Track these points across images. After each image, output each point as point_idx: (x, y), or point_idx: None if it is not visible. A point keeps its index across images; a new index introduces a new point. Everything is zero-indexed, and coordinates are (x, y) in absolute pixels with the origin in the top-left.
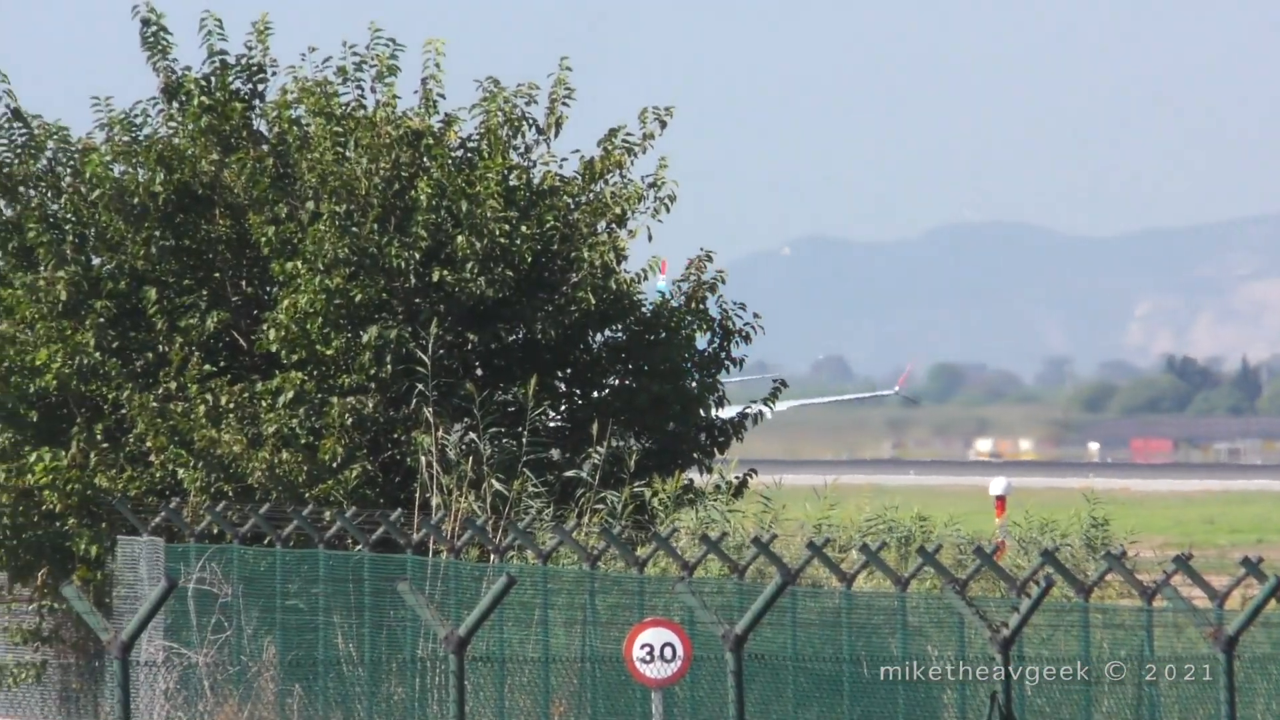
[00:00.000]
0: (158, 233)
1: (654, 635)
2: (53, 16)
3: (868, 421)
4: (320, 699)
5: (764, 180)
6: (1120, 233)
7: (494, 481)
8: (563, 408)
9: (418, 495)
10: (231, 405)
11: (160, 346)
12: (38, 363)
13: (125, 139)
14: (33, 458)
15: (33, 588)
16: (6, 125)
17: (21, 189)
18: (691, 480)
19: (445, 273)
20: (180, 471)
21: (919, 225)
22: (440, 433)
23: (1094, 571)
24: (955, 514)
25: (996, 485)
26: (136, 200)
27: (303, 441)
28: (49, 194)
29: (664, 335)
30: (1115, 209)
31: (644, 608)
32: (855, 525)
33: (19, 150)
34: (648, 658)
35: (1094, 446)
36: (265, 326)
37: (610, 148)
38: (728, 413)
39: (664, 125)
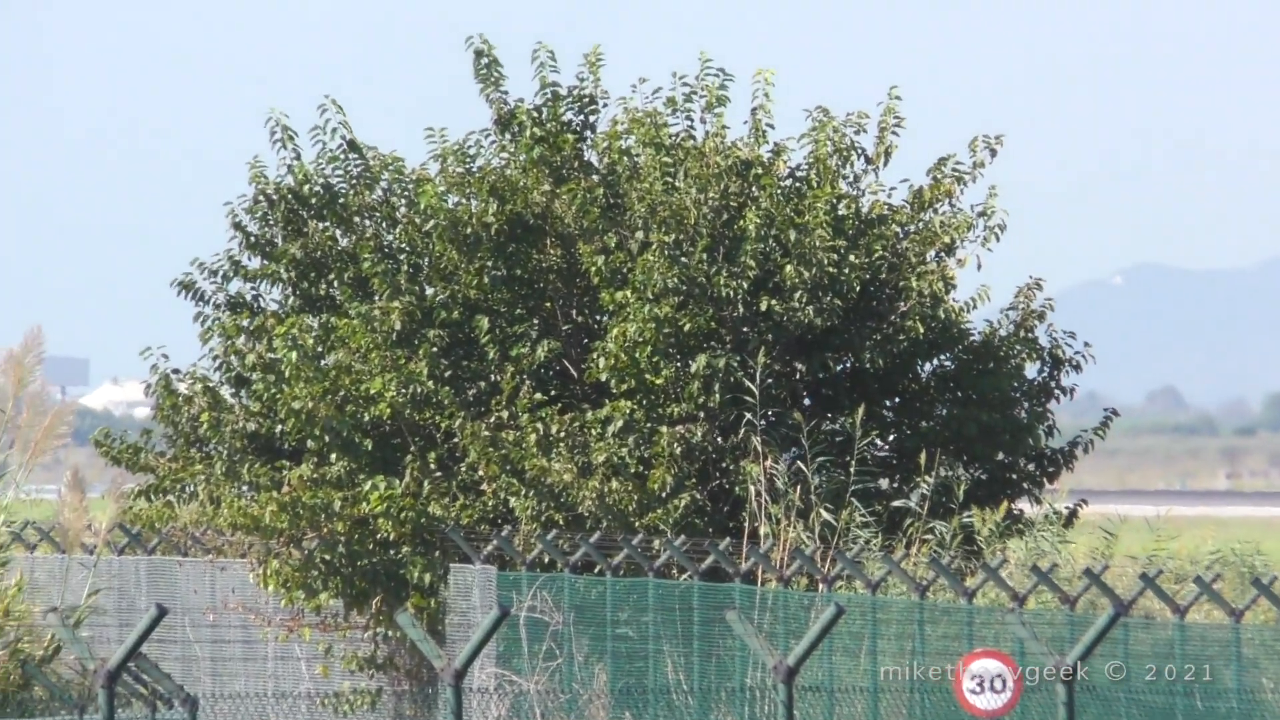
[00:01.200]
0: (490, 263)
1: (984, 666)
2: (387, 49)
3: (1201, 451)
4: None
5: (1095, 208)
6: None
7: (822, 511)
8: (890, 437)
9: (746, 524)
10: (562, 434)
11: (492, 375)
12: (372, 391)
13: (459, 170)
14: (367, 486)
15: (368, 615)
16: (343, 157)
17: (357, 219)
18: (1021, 510)
19: (773, 302)
20: (512, 500)
21: (1254, 254)
22: (768, 462)
23: None
24: None
25: None
26: (470, 230)
27: (632, 470)
28: (384, 224)
29: (993, 364)
30: None
31: (973, 638)
32: (1191, 557)
33: (354, 181)
34: (978, 688)
35: None
36: (595, 355)
37: (940, 176)
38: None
39: (994, 154)
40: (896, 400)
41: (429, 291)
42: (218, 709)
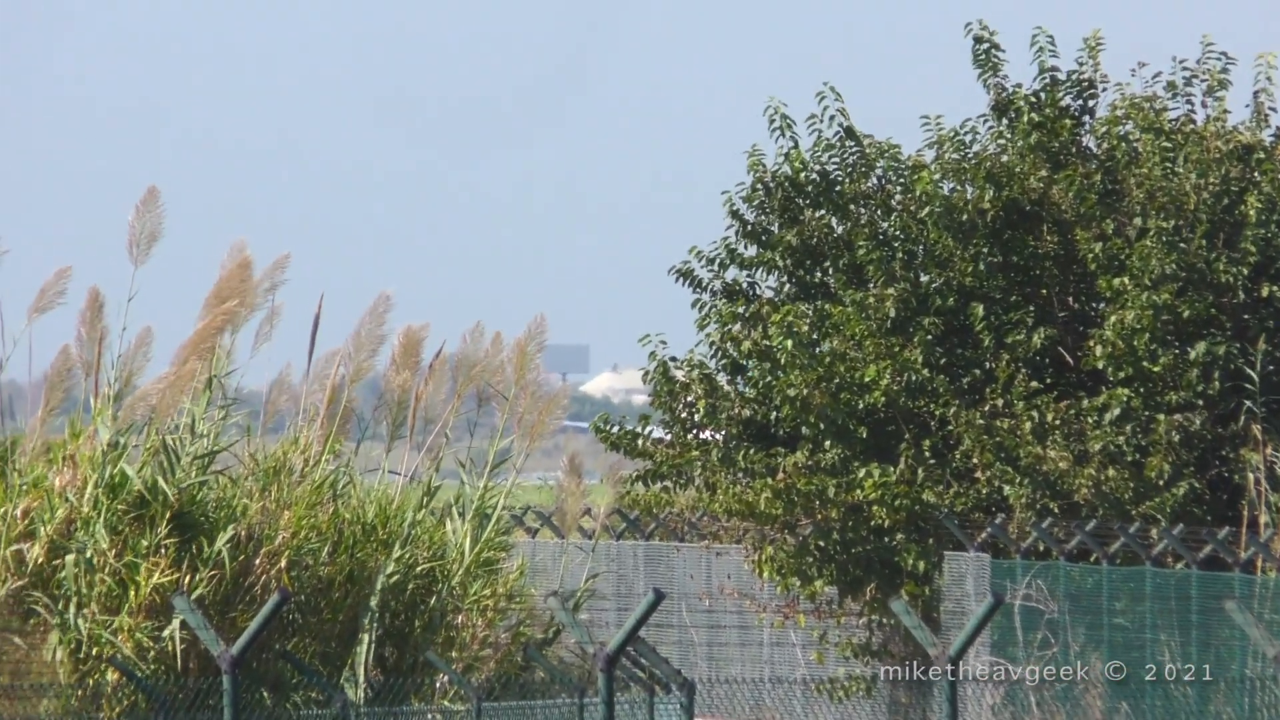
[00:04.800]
0: (985, 249)
1: None
2: (887, 39)
3: None
4: (1147, 717)
5: None
6: None
7: None
8: None
9: (1245, 513)
10: (1057, 422)
11: (986, 363)
12: (866, 379)
13: (954, 156)
14: (862, 473)
15: (861, 602)
16: (839, 144)
17: (852, 207)
18: None
19: (1275, 288)
20: (1006, 488)
21: None
22: (1269, 450)
23: None
24: None
25: None
26: (965, 217)
27: (1129, 458)
28: (878, 212)
29: None
30: None
31: None
32: None
33: (850, 169)
34: None
35: None
36: (1091, 343)
37: None
38: None
39: None
40: None
41: (924, 279)
42: (714, 693)
